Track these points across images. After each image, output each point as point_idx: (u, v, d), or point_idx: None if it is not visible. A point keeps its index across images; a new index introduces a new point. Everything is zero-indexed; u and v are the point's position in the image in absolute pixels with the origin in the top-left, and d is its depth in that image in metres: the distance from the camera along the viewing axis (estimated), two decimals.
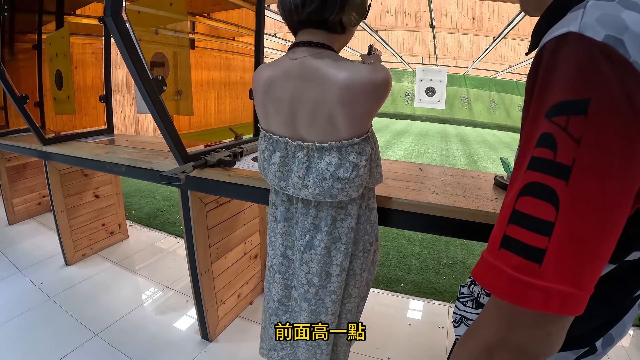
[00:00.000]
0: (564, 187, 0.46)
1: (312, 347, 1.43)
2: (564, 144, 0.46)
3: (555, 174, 0.46)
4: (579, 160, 0.45)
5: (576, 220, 0.46)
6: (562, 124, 0.46)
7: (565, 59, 0.47)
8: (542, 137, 0.49)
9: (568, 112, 0.46)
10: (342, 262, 1.33)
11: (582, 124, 0.45)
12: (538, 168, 0.48)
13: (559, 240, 0.46)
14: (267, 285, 1.50)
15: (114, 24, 1.50)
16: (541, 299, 0.47)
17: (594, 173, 0.45)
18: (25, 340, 2.27)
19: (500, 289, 0.50)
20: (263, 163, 1.31)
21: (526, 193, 0.49)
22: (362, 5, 1.15)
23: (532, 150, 0.50)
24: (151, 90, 1.66)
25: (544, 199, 0.47)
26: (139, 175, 2.25)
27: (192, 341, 2.29)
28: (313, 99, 1.12)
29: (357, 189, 1.21)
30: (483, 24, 7.34)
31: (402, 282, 3.06)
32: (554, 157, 0.47)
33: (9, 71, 2.68)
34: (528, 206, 0.48)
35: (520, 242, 0.48)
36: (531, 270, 0.47)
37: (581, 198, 0.45)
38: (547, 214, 0.47)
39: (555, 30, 0.50)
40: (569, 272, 0.46)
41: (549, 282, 0.46)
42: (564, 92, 0.47)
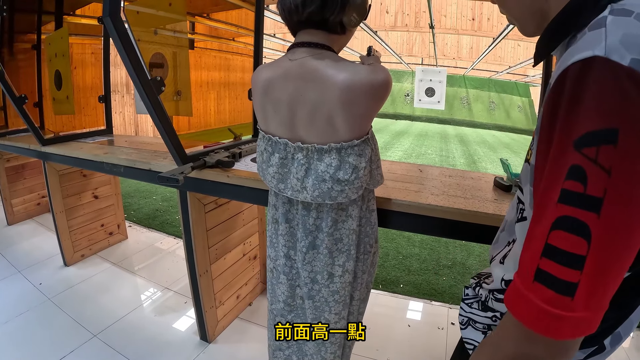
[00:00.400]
0: (596, 220, 0.46)
1: (317, 344, 1.44)
2: (594, 176, 0.46)
3: (587, 207, 0.46)
4: (610, 191, 0.45)
5: (607, 252, 0.46)
6: (591, 156, 0.46)
7: (592, 86, 0.46)
8: (572, 170, 0.48)
9: (598, 143, 0.45)
10: (344, 263, 1.33)
11: (612, 153, 0.44)
12: (569, 202, 0.48)
13: (591, 273, 0.47)
14: (271, 286, 1.50)
15: (112, 24, 1.49)
16: (570, 329, 0.49)
17: (625, 203, 0.45)
18: (24, 341, 2.26)
19: (532, 320, 0.51)
20: (262, 164, 1.30)
21: (559, 227, 0.49)
22: (362, 5, 1.14)
23: (562, 182, 0.49)
24: (150, 91, 1.65)
25: (576, 234, 0.47)
26: (137, 176, 2.24)
27: (191, 342, 2.29)
28: (312, 99, 1.11)
29: (356, 190, 1.20)
30: (483, 25, 7.34)
31: (401, 283, 3.05)
32: (584, 190, 0.46)
33: (8, 71, 2.67)
34: (561, 241, 0.49)
35: (553, 277, 0.49)
36: (563, 304, 0.48)
37: (612, 229, 0.46)
38: (579, 248, 0.47)
39: (577, 52, 0.49)
40: (598, 301, 0.48)
41: (578, 312, 0.48)
42: (592, 122, 0.46)
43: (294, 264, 1.39)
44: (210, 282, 2.20)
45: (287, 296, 1.44)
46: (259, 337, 2.31)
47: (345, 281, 1.35)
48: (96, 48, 3.30)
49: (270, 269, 1.48)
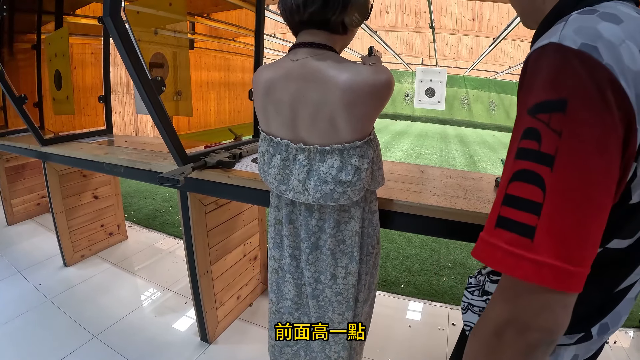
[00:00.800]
0: (549, 173, 0.51)
1: (321, 342, 1.45)
2: (547, 137, 0.52)
3: (541, 162, 0.52)
4: (561, 149, 0.51)
5: (561, 200, 0.51)
6: (545, 120, 0.52)
7: (545, 66, 0.54)
8: (527, 131, 0.55)
9: (550, 110, 0.52)
10: (347, 265, 1.32)
11: (562, 119, 0.51)
12: (526, 157, 0.54)
13: (547, 218, 0.51)
14: (277, 286, 1.50)
15: (112, 24, 1.48)
16: (534, 270, 0.51)
17: (575, 159, 0.51)
18: (23, 341, 2.26)
19: (496, 260, 0.55)
20: (263, 166, 1.30)
21: (517, 179, 0.55)
22: (364, 5, 1.14)
23: (519, 142, 0.56)
24: (150, 91, 1.65)
25: (532, 183, 0.53)
26: (137, 176, 2.24)
27: (191, 343, 2.28)
28: (314, 100, 1.11)
29: (358, 192, 1.19)
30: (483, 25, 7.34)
31: (402, 284, 3.05)
32: (539, 148, 0.53)
33: (8, 71, 2.66)
34: (519, 190, 0.54)
35: (513, 221, 0.54)
36: (524, 244, 0.52)
37: (564, 181, 0.51)
38: (536, 195, 0.52)
39: (539, 42, 0.57)
40: (559, 247, 0.51)
41: (540, 255, 0.51)
42: (545, 93, 0.53)
43: (299, 263, 1.39)
44: (210, 282, 2.20)
45: (294, 294, 1.44)
46: (259, 338, 2.31)
47: (348, 283, 1.35)
48: (96, 48, 3.30)
49: (275, 269, 1.48)
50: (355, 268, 1.34)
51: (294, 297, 1.45)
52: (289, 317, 1.49)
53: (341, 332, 1.45)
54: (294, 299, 1.45)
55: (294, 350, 1.55)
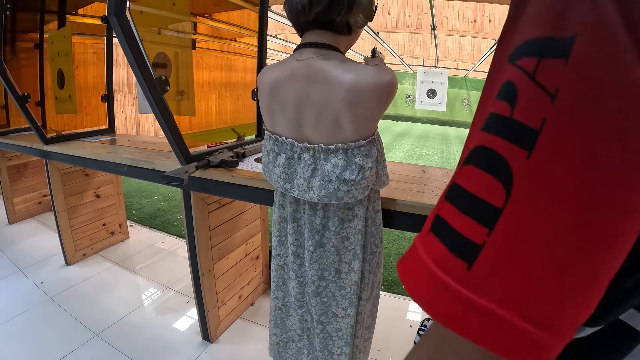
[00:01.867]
0: (524, 160, 0.30)
1: (324, 337, 1.46)
2: (529, 97, 0.31)
3: (512, 139, 0.31)
4: (552, 122, 0.29)
5: (535, 213, 0.30)
6: (529, 69, 0.31)
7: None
8: (501, 88, 0.34)
9: (540, 54, 0.31)
10: (350, 260, 1.34)
11: (560, 71, 0.29)
12: (491, 128, 0.33)
13: (504, 237, 0.31)
14: (283, 282, 1.52)
15: (117, 23, 1.49)
16: (460, 314, 0.32)
17: (574, 144, 0.29)
18: (25, 340, 2.26)
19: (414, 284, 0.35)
20: (268, 165, 1.31)
21: (471, 161, 0.34)
22: (369, 6, 1.15)
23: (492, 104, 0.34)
24: (154, 91, 1.65)
25: (491, 173, 0.32)
26: (140, 175, 2.24)
27: (193, 342, 2.28)
28: (319, 100, 1.12)
29: (362, 191, 1.21)
30: (484, 26, 7.35)
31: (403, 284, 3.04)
32: (511, 114, 0.31)
33: (11, 70, 2.67)
34: (469, 179, 0.34)
35: (450, 227, 0.34)
36: (455, 268, 0.32)
37: (548, 181, 0.30)
38: (494, 195, 0.31)
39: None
40: (514, 290, 0.31)
41: (476, 293, 0.31)
42: (537, 26, 0.32)
43: (303, 262, 1.41)
44: (212, 281, 2.20)
45: (297, 291, 1.46)
46: (261, 337, 2.31)
47: (351, 279, 1.36)
48: (98, 47, 3.31)
49: (281, 265, 1.50)
50: (358, 266, 1.35)
51: (297, 294, 1.46)
52: (294, 313, 1.51)
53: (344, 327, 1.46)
54: (297, 296, 1.47)
55: (298, 347, 1.57)
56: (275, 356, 1.65)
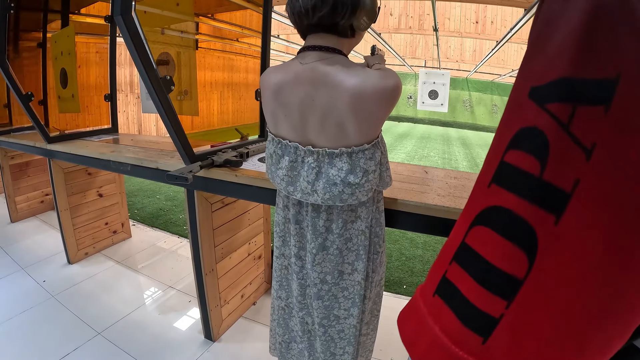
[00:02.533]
0: (551, 227, 0.27)
1: (326, 340, 1.46)
2: (562, 154, 0.27)
3: (540, 202, 0.27)
4: (586, 184, 0.26)
5: (560, 284, 0.27)
6: (562, 118, 0.27)
7: (578, 11, 0.27)
8: (524, 133, 0.29)
9: (576, 99, 0.26)
10: (353, 261, 1.35)
11: (599, 120, 0.25)
12: (511, 185, 0.29)
13: (525, 310, 0.28)
14: (287, 282, 1.52)
15: (123, 23, 1.50)
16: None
17: (610, 211, 0.25)
18: (27, 338, 2.27)
19: (420, 350, 0.34)
20: (271, 167, 1.32)
21: (485, 222, 0.31)
22: (372, 9, 1.15)
23: (505, 151, 0.31)
24: (159, 90, 1.66)
25: (512, 240, 0.29)
26: (144, 174, 2.25)
27: (195, 341, 2.29)
28: (323, 104, 1.12)
29: (366, 193, 1.21)
30: (486, 28, 7.34)
31: (404, 284, 3.05)
32: (541, 174, 0.28)
33: (14, 69, 2.68)
34: (485, 244, 0.31)
35: (462, 297, 0.31)
36: (470, 343, 0.30)
37: (577, 250, 0.26)
38: (515, 265, 0.28)
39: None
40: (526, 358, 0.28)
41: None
42: (571, 64, 0.27)
43: (304, 264, 1.41)
44: (215, 281, 2.21)
45: (298, 293, 1.46)
46: (263, 337, 2.32)
47: (354, 280, 1.37)
48: (100, 47, 3.31)
49: (285, 265, 1.50)
50: (362, 266, 1.35)
51: (298, 296, 1.46)
52: (295, 314, 1.51)
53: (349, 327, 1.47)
54: (298, 297, 1.47)
55: (299, 348, 1.57)
56: (279, 355, 1.66)
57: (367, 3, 1.11)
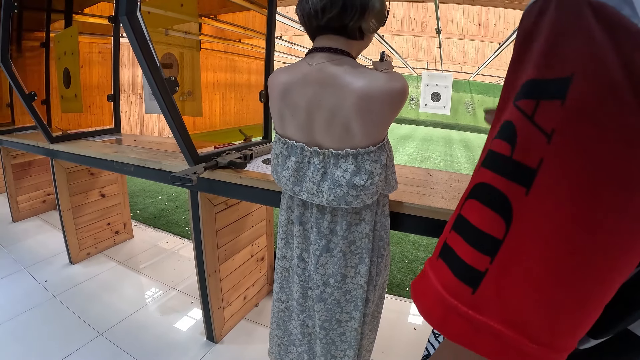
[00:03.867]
0: (522, 197, 0.34)
1: (327, 343, 1.45)
2: (527, 137, 0.34)
3: (512, 177, 0.35)
4: (548, 161, 0.33)
5: (532, 245, 0.34)
6: (527, 111, 0.34)
7: (544, 23, 0.35)
8: (502, 127, 0.37)
9: (539, 95, 0.34)
10: (356, 265, 1.34)
11: (557, 111, 0.32)
12: (492, 165, 0.37)
13: (504, 265, 0.35)
14: (287, 284, 1.52)
15: (128, 23, 1.50)
16: (468, 332, 0.37)
17: (569, 183, 0.32)
18: (29, 338, 2.26)
19: (425, 305, 0.41)
20: (277, 167, 1.31)
21: (474, 195, 0.39)
22: (381, 11, 1.15)
23: (491, 142, 0.39)
24: (164, 91, 1.65)
25: (492, 208, 0.36)
26: (148, 175, 2.24)
27: (197, 342, 2.28)
28: (330, 106, 1.12)
29: (371, 196, 1.21)
30: (489, 30, 7.35)
31: (407, 287, 3.05)
32: (511, 154, 0.35)
33: (17, 68, 2.68)
34: (473, 213, 0.38)
35: (456, 256, 0.38)
36: (462, 293, 0.37)
37: (545, 217, 0.33)
38: (494, 227, 0.36)
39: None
40: (514, 311, 0.35)
41: (483, 315, 0.36)
42: (536, 68, 0.35)
43: (307, 266, 1.41)
44: (218, 282, 2.20)
45: (300, 296, 1.45)
46: (265, 338, 2.31)
47: (357, 283, 1.36)
48: (103, 47, 3.32)
49: (287, 268, 1.49)
50: (365, 269, 1.35)
51: (300, 298, 1.46)
52: (295, 317, 1.51)
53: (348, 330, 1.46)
54: (299, 300, 1.46)
55: (298, 351, 1.56)
56: (277, 358, 1.65)
57: (376, 6, 1.12)
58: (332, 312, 1.40)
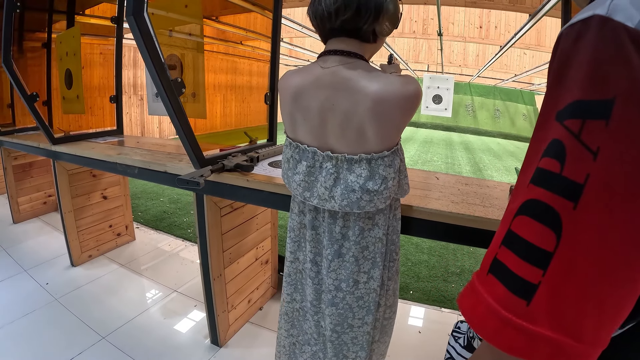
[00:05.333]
0: (571, 211, 0.37)
1: (339, 344, 1.44)
2: (575, 156, 0.37)
3: (561, 192, 0.38)
4: (594, 177, 0.36)
5: (582, 255, 0.37)
6: (574, 130, 0.37)
7: (585, 48, 0.38)
8: (550, 145, 0.40)
9: (584, 115, 0.37)
10: (369, 270, 1.32)
11: (601, 131, 0.36)
12: (542, 183, 0.40)
13: (556, 276, 0.38)
14: (301, 286, 1.50)
15: (135, 23, 1.48)
16: (523, 343, 0.39)
17: (613, 198, 0.36)
18: (30, 342, 2.24)
19: (476, 318, 0.43)
20: (287, 172, 1.30)
21: (524, 212, 0.41)
22: (395, 14, 1.14)
23: (539, 160, 0.41)
24: (170, 92, 1.64)
25: (543, 223, 0.39)
26: (151, 177, 2.23)
27: (201, 346, 2.26)
28: (344, 109, 1.11)
29: (384, 200, 1.20)
30: (490, 33, 7.36)
31: (411, 290, 3.03)
32: (561, 171, 0.38)
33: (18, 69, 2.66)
34: (524, 229, 0.40)
35: (509, 271, 0.41)
36: (516, 306, 0.39)
37: (592, 228, 0.36)
38: (546, 241, 0.38)
39: (579, 14, 0.41)
40: (565, 317, 0.38)
41: (536, 325, 0.38)
42: (581, 90, 0.38)
43: (320, 269, 1.39)
44: (223, 286, 2.18)
45: (313, 298, 1.44)
46: (269, 342, 2.29)
47: (369, 287, 1.35)
48: (104, 48, 3.30)
49: (300, 269, 1.48)
50: (378, 274, 1.33)
51: (313, 300, 1.45)
52: (310, 318, 1.49)
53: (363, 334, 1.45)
54: (313, 302, 1.45)
55: (313, 350, 1.55)
56: (291, 354, 1.63)
57: (390, 8, 1.10)
58: (343, 317, 1.39)
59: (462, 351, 0.75)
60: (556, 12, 3.50)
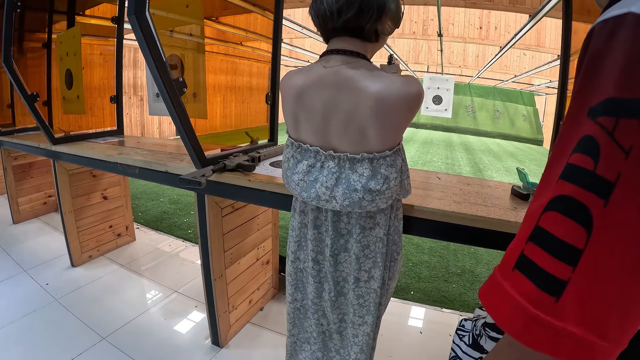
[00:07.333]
0: (602, 208, 0.37)
1: (341, 340, 1.47)
2: (608, 153, 0.37)
3: (593, 190, 0.37)
4: (625, 176, 0.36)
5: (611, 253, 0.37)
6: (608, 127, 0.37)
7: (620, 46, 0.38)
8: (582, 141, 0.39)
9: (618, 113, 0.37)
10: (370, 269, 1.33)
11: (635, 130, 0.35)
12: (573, 179, 0.39)
13: (586, 273, 0.37)
14: (302, 285, 1.51)
15: (137, 23, 1.48)
16: (550, 339, 0.39)
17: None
18: (30, 342, 2.23)
19: (502, 314, 0.42)
20: (287, 171, 1.30)
21: (554, 207, 0.40)
22: (397, 14, 1.15)
23: (569, 155, 0.41)
24: (172, 92, 1.63)
25: (574, 219, 0.38)
26: (152, 177, 2.22)
27: (202, 347, 2.25)
28: (347, 109, 1.11)
29: (386, 200, 1.20)
30: (490, 33, 7.36)
31: (412, 290, 3.03)
32: (594, 168, 0.37)
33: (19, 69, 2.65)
34: (554, 224, 0.40)
35: (537, 267, 0.40)
36: (544, 303, 0.39)
37: (622, 225, 0.36)
38: (576, 238, 0.38)
39: (611, 11, 0.41)
40: (592, 315, 0.38)
41: (563, 322, 0.38)
42: (615, 88, 0.38)
43: (322, 267, 1.40)
44: (224, 286, 2.18)
45: (315, 296, 1.45)
46: (270, 343, 2.29)
47: (370, 287, 1.35)
48: (104, 49, 3.29)
49: (301, 268, 1.49)
50: (379, 273, 1.34)
51: (315, 298, 1.45)
52: (311, 316, 1.50)
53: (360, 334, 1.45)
54: (314, 300, 1.46)
55: (312, 349, 1.56)
56: (292, 353, 1.63)
57: (392, 8, 1.11)
58: (345, 313, 1.42)
59: (467, 349, 0.73)
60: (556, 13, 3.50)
